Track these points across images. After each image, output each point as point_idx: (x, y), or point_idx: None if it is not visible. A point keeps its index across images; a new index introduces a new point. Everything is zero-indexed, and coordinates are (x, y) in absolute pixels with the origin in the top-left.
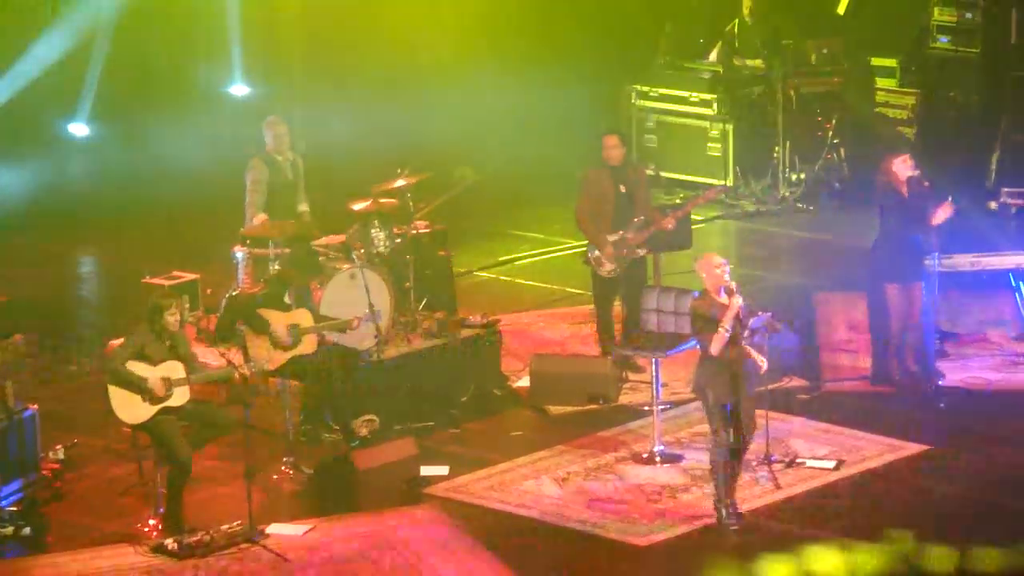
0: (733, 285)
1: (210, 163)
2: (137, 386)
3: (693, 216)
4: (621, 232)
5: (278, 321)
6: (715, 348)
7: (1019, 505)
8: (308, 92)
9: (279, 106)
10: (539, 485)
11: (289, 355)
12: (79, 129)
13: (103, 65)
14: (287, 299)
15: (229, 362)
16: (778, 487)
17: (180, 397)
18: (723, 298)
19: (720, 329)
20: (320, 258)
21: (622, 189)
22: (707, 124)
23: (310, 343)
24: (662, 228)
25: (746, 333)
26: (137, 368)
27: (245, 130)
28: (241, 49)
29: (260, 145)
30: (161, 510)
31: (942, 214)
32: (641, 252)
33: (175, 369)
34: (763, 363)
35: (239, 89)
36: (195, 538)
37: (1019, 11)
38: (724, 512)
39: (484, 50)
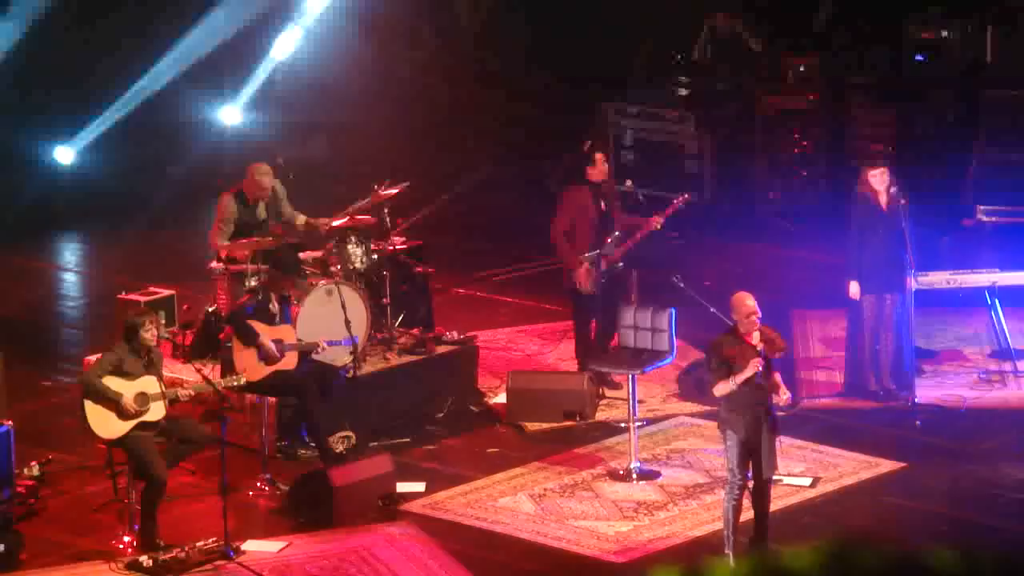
0: (760, 347)
1: (187, 178)
2: (112, 401)
3: (670, 233)
4: (604, 246)
5: (265, 334)
6: (718, 392)
7: (995, 523)
8: None
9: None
10: (516, 502)
11: (271, 369)
12: (65, 155)
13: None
14: (273, 308)
15: (205, 378)
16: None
17: (156, 412)
18: (754, 340)
19: (730, 381)
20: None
21: (602, 206)
22: (684, 141)
23: (291, 359)
24: (652, 228)
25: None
26: (114, 383)
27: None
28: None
29: (240, 170)
30: (136, 527)
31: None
32: (620, 264)
33: (152, 384)
34: (786, 395)
35: (231, 115)
36: (170, 555)
37: (994, 30)
38: (731, 555)
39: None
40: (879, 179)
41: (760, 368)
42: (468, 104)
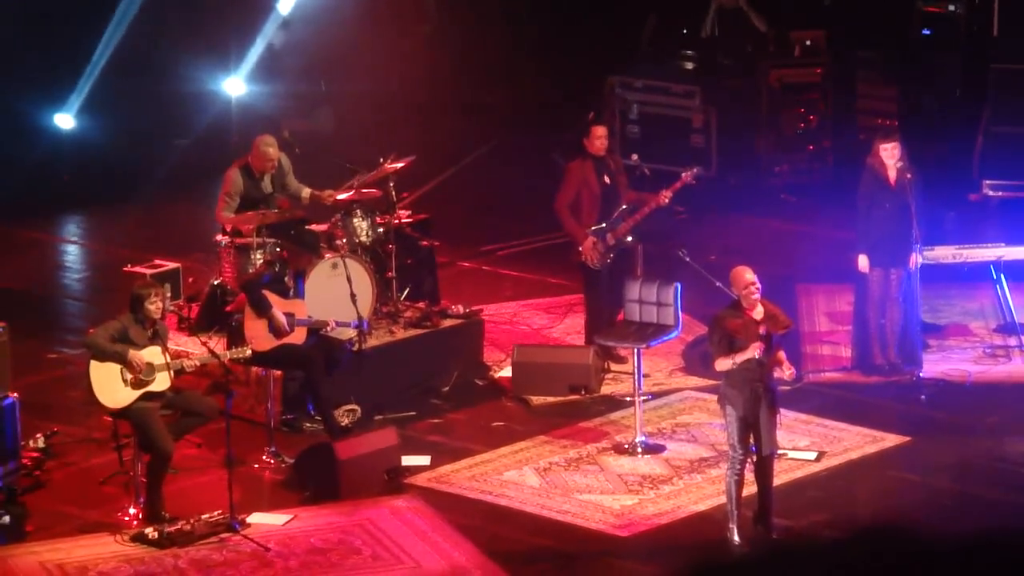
0: (762, 330)
1: (194, 151)
2: (119, 357)
3: (676, 207)
4: (610, 220)
5: (277, 307)
6: (719, 367)
7: (999, 496)
8: None
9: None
10: (521, 476)
11: (279, 342)
12: (65, 121)
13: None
14: (288, 281)
15: (210, 350)
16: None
17: (162, 383)
18: (757, 314)
19: (730, 360)
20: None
21: (606, 180)
22: (690, 115)
23: (300, 333)
24: (659, 203)
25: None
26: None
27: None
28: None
29: (245, 142)
30: (141, 499)
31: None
32: (629, 239)
33: (157, 355)
34: (790, 370)
35: (235, 86)
36: (175, 527)
37: (1002, 4)
38: (735, 529)
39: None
40: (889, 152)
41: (759, 353)
42: (474, 77)
